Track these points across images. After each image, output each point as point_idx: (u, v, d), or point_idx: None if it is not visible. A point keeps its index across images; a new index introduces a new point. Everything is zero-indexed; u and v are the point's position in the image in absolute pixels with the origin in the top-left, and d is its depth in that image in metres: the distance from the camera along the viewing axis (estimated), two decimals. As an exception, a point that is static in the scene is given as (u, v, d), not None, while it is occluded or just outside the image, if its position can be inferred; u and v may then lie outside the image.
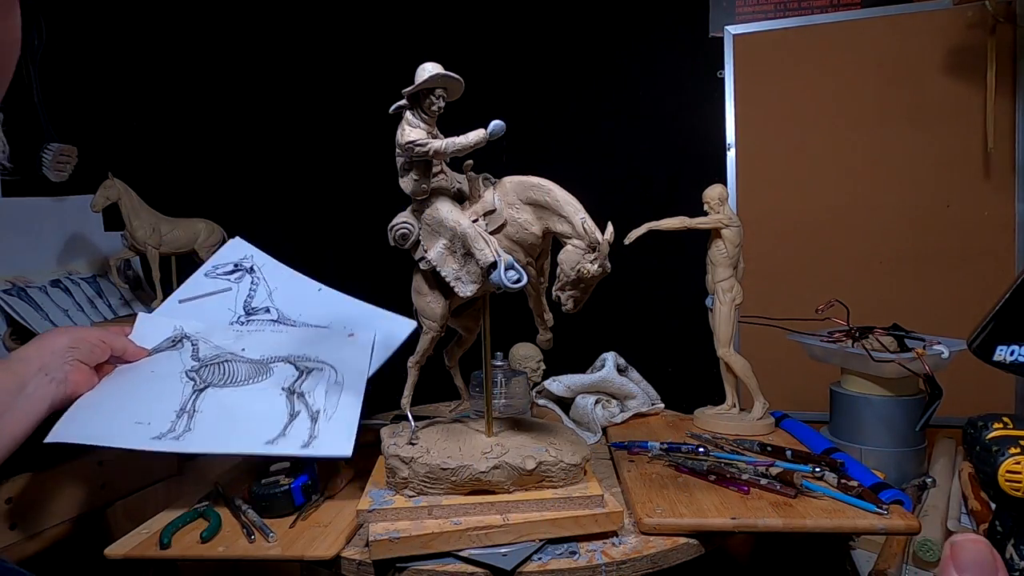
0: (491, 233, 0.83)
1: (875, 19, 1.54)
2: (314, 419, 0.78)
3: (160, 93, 1.77)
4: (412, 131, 0.86)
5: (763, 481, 0.80)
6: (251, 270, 0.91)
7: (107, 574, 0.76)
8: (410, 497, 0.74)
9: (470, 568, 0.66)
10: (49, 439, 0.75)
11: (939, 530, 0.92)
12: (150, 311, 1.37)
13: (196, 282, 0.94)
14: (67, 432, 0.75)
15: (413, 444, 0.77)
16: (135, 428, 0.77)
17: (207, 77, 1.82)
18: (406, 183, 0.92)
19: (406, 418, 0.81)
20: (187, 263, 1.39)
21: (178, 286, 1.37)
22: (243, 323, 0.91)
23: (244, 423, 0.78)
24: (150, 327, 0.90)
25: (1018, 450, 0.62)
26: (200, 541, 0.73)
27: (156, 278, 1.29)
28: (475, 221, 0.85)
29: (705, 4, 1.65)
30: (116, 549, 0.72)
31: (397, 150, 0.89)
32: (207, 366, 0.84)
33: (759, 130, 1.63)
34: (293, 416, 0.78)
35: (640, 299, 1.69)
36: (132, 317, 1.40)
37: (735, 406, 1.08)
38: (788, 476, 0.79)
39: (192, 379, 0.82)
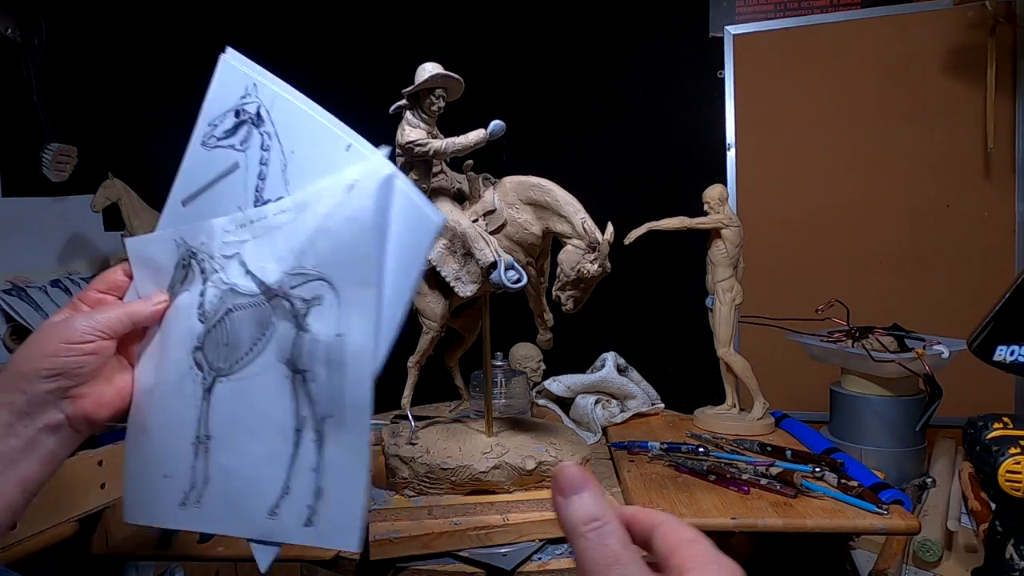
0: (491, 233, 0.83)
1: (875, 19, 1.53)
2: (319, 440, 0.46)
3: (160, 93, 1.77)
4: (412, 131, 0.86)
5: (763, 481, 0.80)
6: (259, 118, 0.53)
7: (107, 574, 0.76)
8: (410, 497, 0.74)
9: (470, 568, 0.66)
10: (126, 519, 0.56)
11: (939, 530, 0.92)
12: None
13: (194, 163, 0.57)
14: (131, 513, 0.56)
15: (413, 444, 0.77)
16: (165, 487, 0.53)
17: (207, 77, 1.82)
18: (406, 183, 0.92)
19: (406, 418, 0.81)
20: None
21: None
22: (245, 224, 0.52)
23: (249, 468, 0.49)
24: (153, 254, 0.55)
25: (1018, 450, 0.62)
26: (200, 541, 0.73)
27: (156, 278, 1.29)
28: (475, 221, 0.85)
29: (705, 4, 1.64)
30: (116, 549, 0.73)
31: (397, 150, 0.89)
32: (210, 331, 0.52)
33: (759, 130, 1.63)
34: (297, 440, 0.46)
35: (640, 299, 1.69)
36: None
37: (735, 406, 1.08)
38: (788, 476, 0.79)
39: (199, 367, 0.52)
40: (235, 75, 0.56)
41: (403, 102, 0.88)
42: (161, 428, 0.53)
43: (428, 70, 0.85)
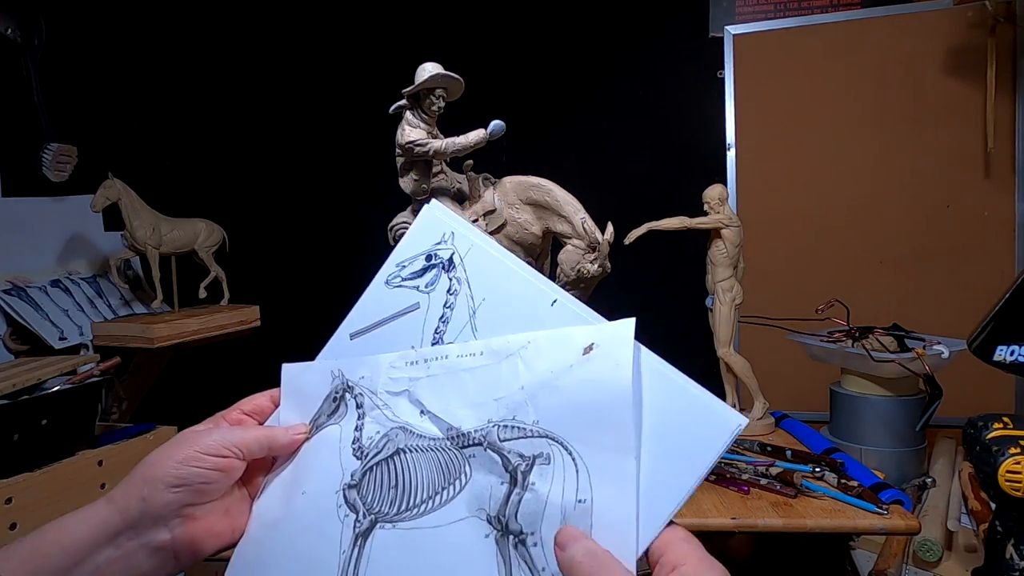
0: (491, 233, 0.83)
1: (875, 19, 1.54)
2: None
3: (160, 93, 1.77)
4: (412, 131, 0.86)
5: (763, 481, 0.80)
6: (450, 263, 0.54)
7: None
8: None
9: None
10: None
11: (939, 530, 0.92)
12: (150, 311, 1.37)
13: (372, 300, 0.56)
14: None
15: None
16: None
17: (207, 77, 1.82)
18: (406, 183, 0.92)
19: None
20: (187, 263, 1.39)
21: (178, 286, 1.37)
22: (417, 362, 0.51)
23: None
24: (305, 383, 0.55)
25: (1018, 450, 0.62)
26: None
27: (156, 278, 1.29)
28: (475, 221, 0.86)
29: (705, 4, 1.65)
30: (116, 549, 0.72)
31: (397, 150, 0.89)
32: (371, 469, 0.49)
33: (759, 130, 1.63)
34: None
35: (640, 299, 1.69)
36: (132, 317, 1.40)
37: (735, 406, 1.08)
38: (788, 476, 0.79)
39: (352, 508, 0.48)
40: (435, 223, 0.55)
41: (403, 102, 0.88)
42: (284, 572, 0.48)
43: (428, 70, 0.85)
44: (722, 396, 1.09)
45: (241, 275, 1.46)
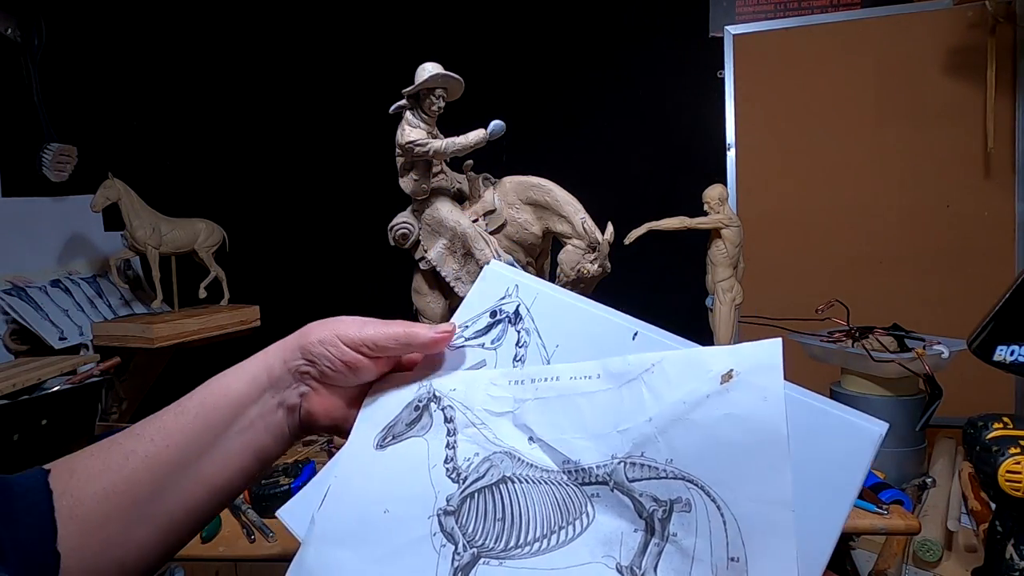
0: (491, 233, 0.83)
1: (875, 19, 1.54)
2: None
3: (160, 93, 1.77)
4: (412, 131, 0.86)
5: (763, 481, 0.80)
6: (516, 316, 0.52)
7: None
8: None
9: None
10: None
11: (939, 530, 0.92)
12: (150, 311, 1.38)
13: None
14: None
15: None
16: None
17: (207, 77, 1.82)
18: (406, 183, 0.92)
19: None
20: (187, 263, 1.39)
21: (178, 286, 1.38)
22: (523, 381, 0.47)
23: None
24: (388, 385, 0.51)
25: (1018, 450, 0.62)
26: (200, 541, 0.73)
27: (156, 278, 1.29)
28: (475, 221, 0.86)
29: (705, 4, 1.65)
30: (116, 549, 0.72)
31: (397, 150, 0.89)
32: (471, 496, 0.43)
33: (759, 130, 1.63)
34: None
35: (640, 299, 1.69)
36: (132, 317, 1.40)
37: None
38: (788, 476, 0.79)
39: (449, 538, 0.42)
40: (498, 279, 0.54)
41: (403, 102, 0.88)
42: None
43: (428, 70, 0.85)
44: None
45: (241, 275, 1.46)
